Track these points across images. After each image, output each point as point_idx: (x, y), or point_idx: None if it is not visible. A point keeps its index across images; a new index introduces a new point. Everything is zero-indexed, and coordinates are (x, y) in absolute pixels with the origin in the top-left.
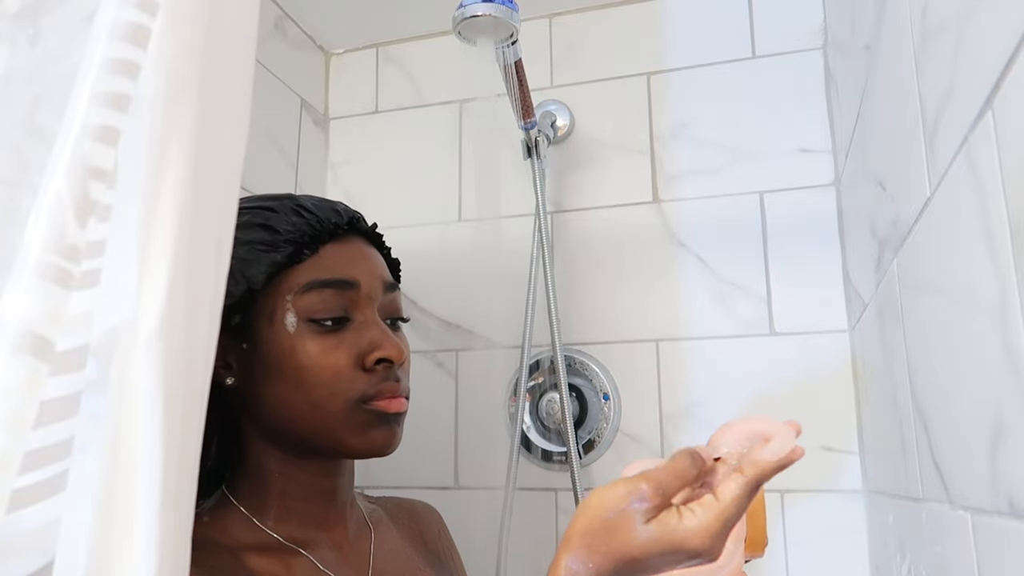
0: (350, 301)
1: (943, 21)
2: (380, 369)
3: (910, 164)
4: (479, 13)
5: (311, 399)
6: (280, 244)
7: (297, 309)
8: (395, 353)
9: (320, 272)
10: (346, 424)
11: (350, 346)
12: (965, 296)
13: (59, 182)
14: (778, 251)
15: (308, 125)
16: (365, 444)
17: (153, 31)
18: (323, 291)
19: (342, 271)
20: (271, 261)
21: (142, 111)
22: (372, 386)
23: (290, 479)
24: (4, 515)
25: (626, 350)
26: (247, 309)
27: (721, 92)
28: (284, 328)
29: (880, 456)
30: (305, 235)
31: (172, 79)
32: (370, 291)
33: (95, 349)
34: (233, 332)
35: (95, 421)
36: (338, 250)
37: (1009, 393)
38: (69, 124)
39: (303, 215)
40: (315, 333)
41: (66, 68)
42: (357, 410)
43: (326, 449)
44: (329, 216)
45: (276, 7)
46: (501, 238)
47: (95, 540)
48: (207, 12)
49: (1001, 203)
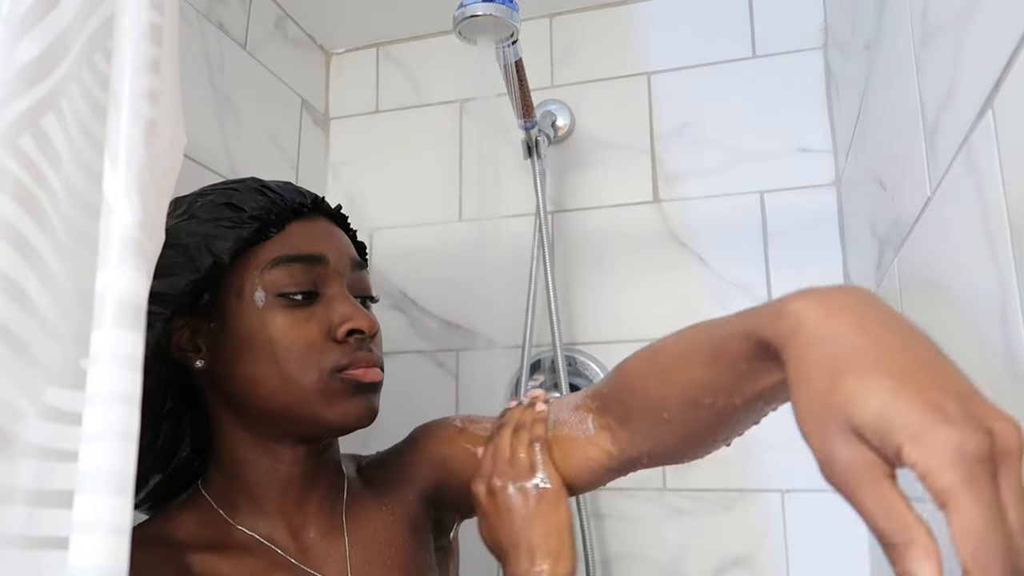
0: (319, 275)
1: (943, 21)
2: (352, 340)
3: (910, 164)
4: (479, 13)
5: (283, 373)
6: (246, 221)
7: (265, 284)
8: (366, 324)
9: (287, 248)
10: (321, 395)
11: (320, 319)
12: (965, 296)
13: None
14: (778, 251)
15: (308, 125)
16: (342, 415)
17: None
18: (291, 266)
19: (309, 246)
20: (237, 237)
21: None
22: (345, 356)
23: (260, 467)
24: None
25: (626, 350)
26: (215, 287)
27: (721, 92)
28: (253, 304)
29: None
30: (271, 212)
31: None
32: (338, 266)
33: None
34: (202, 312)
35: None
36: (304, 228)
37: (1009, 393)
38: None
39: (267, 194)
40: (285, 307)
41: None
42: (332, 380)
43: (301, 426)
44: (293, 196)
45: (276, 7)
46: (501, 238)
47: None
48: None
49: (1001, 203)
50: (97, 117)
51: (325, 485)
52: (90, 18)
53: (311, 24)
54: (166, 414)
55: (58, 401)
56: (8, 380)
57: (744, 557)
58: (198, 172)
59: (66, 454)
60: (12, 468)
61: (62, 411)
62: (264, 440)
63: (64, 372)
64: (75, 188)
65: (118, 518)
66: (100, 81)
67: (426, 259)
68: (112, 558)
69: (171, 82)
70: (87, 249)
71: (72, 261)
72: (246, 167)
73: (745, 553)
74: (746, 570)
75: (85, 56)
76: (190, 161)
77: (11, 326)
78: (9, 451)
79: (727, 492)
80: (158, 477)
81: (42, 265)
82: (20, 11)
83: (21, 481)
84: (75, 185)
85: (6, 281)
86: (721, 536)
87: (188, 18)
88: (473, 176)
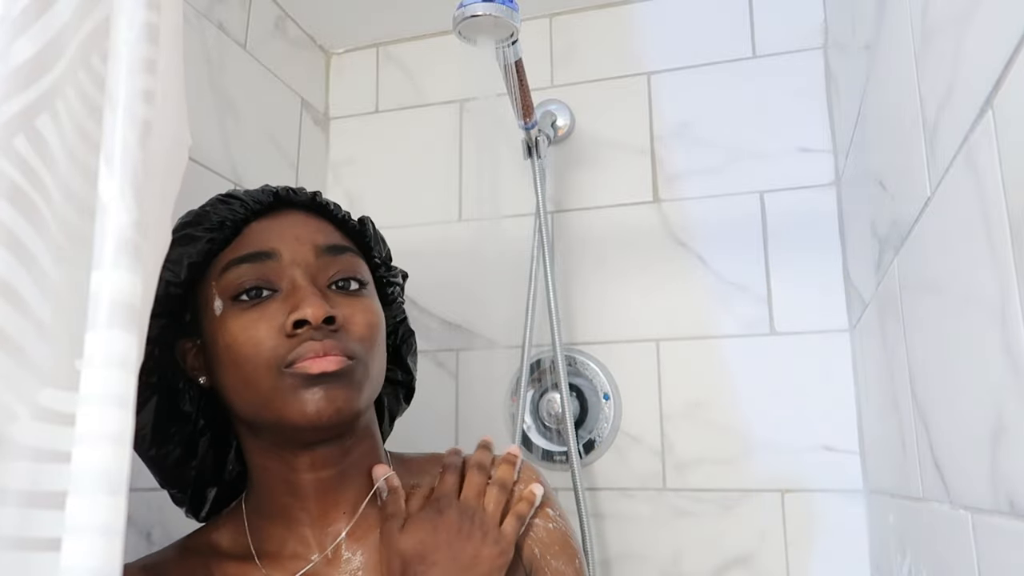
0: (271, 271)
1: (943, 21)
2: (303, 332)
3: (910, 164)
4: (479, 13)
5: (243, 377)
6: (198, 234)
7: (220, 291)
8: (311, 312)
9: (238, 250)
10: (277, 393)
11: (273, 316)
12: (965, 295)
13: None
14: (778, 251)
15: (308, 125)
16: (299, 412)
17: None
18: (239, 267)
19: (258, 244)
20: (194, 251)
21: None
22: (291, 349)
23: (278, 475)
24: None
25: (626, 350)
26: (193, 305)
27: (721, 92)
28: (214, 314)
29: (880, 456)
30: (226, 220)
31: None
32: (295, 257)
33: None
34: (189, 331)
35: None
36: (263, 226)
37: (1009, 393)
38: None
39: (229, 203)
40: (238, 311)
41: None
42: (282, 376)
43: (279, 429)
44: (255, 196)
45: (276, 7)
46: (501, 238)
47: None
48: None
49: (1001, 203)
50: (93, 118)
51: (355, 490)
52: (86, 19)
53: (311, 24)
54: (199, 432)
55: (52, 402)
56: (2, 381)
57: (744, 557)
58: (198, 172)
59: (60, 455)
60: (5, 469)
61: (56, 412)
62: (275, 448)
63: (58, 373)
64: (70, 189)
65: (111, 519)
66: (97, 82)
67: (426, 259)
68: (104, 560)
69: (172, 82)
70: (81, 250)
71: (66, 262)
72: (246, 167)
73: (745, 553)
74: (746, 570)
75: (81, 57)
76: (190, 161)
77: (5, 327)
78: (2, 452)
79: (727, 492)
80: (214, 491)
81: (36, 266)
82: (15, 11)
83: (14, 482)
84: (70, 186)
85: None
86: (721, 536)
87: (188, 18)
88: (473, 176)
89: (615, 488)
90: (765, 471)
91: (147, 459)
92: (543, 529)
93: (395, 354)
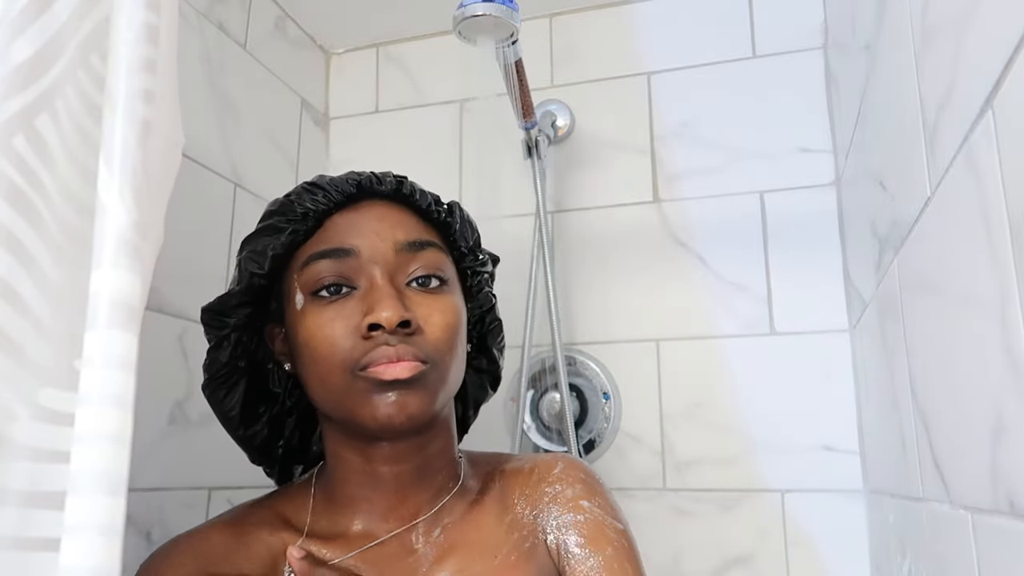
0: (350, 268)
1: (943, 21)
2: (377, 335)
3: (910, 164)
4: (479, 13)
5: (319, 373)
6: (285, 224)
7: (301, 286)
8: (385, 316)
9: (320, 244)
10: (350, 395)
11: (350, 315)
12: (965, 296)
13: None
14: (778, 251)
15: (308, 125)
16: (370, 416)
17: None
18: (320, 263)
19: (339, 240)
20: (278, 243)
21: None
22: (365, 352)
23: (353, 464)
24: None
25: (626, 350)
26: (278, 294)
27: (721, 92)
28: (295, 307)
29: (880, 455)
30: (310, 211)
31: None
32: (374, 255)
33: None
34: (275, 319)
35: None
36: (346, 219)
37: (1009, 393)
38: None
39: (313, 192)
40: (318, 307)
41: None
42: (356, 378)
43: (350, 425)
44: (339, 186)
45: (276, 7)
46: (501, 238)
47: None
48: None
49: (1001, 203)
50: (92, 118)
51: (433, 487)
52: (85, 19)
53: (311, 24)
54: (286, 412)
55: (52, 402)
56: (2, 381)
57: (744, 557)
58: (198, 172)
59: (59, 455)
60: (5, 469)
61: (56, 412)
62: (352, 438)
63: (58, 373)
64: (69, 189)
65: (110, 519)
66: (96, 82)
67: None
68: (104, 560)
69: (169, 82)
70: (81, 250)
71: (66, 262)
72: (246, 167)
73: (745, 553)
74: (746, 570)
75: (81, 57)
76: (190, 161)
77: (5, 327)
78: (2, 452)
79: (727, 492)
80: (300, 468)
81: (36, 266)
82: (14, 11)
83: (13, 482)
84: (69, 186)
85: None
86: (721, 536)
87: (188, 18)
88: (473, 176)
89: (615, 488)
90: (765, 471)
91: (237, 439)
92: (571, 522)
93: (481, 342)
